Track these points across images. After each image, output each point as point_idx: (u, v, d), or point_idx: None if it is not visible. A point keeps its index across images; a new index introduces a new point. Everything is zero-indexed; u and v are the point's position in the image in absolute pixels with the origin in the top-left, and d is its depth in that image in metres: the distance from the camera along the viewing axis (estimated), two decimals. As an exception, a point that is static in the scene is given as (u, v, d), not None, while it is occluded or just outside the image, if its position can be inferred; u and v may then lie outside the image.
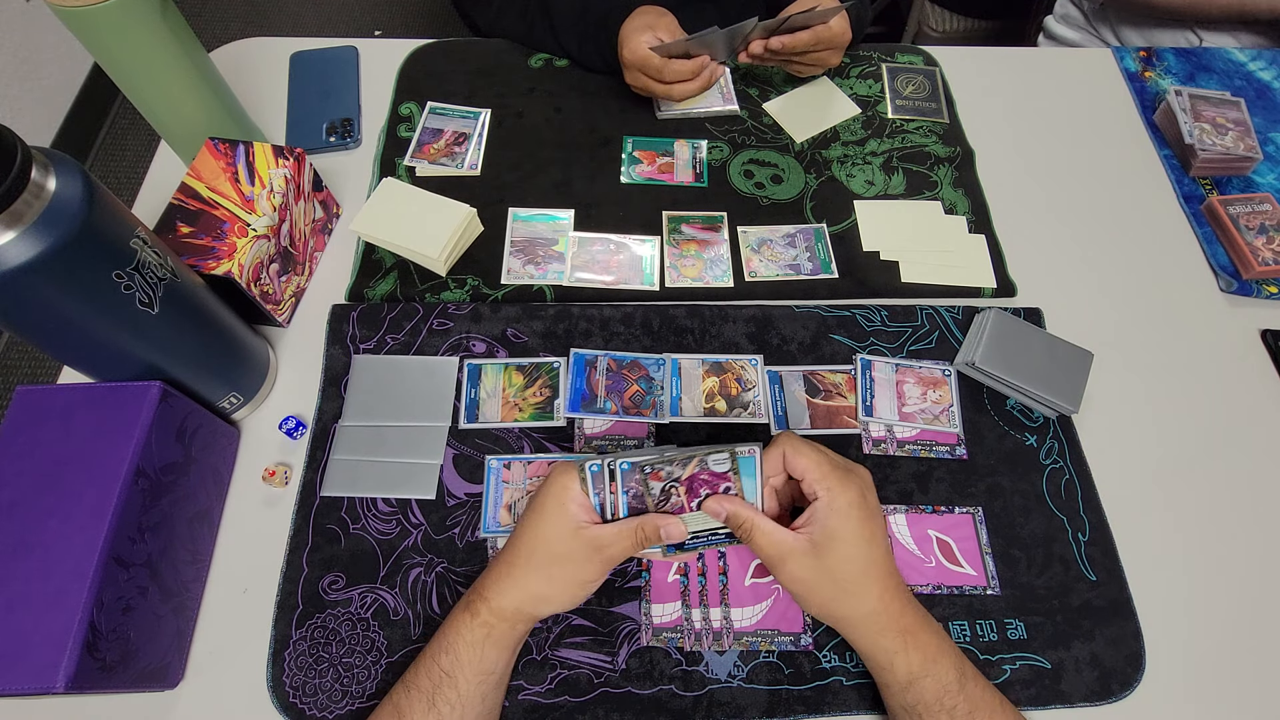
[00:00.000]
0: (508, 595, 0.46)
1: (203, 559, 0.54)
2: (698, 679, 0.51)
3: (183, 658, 0.51)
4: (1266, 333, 0.67)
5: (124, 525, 0.44)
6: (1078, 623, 0.54)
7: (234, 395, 0.57)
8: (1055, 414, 0.62)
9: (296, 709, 0.49)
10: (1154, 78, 0.85)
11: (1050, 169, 0.78)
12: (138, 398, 0.47)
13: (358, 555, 0.54)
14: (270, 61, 0.81)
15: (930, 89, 0.82)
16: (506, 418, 0.60)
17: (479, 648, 0.45)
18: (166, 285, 0.47)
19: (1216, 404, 0.64)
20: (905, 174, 0.76)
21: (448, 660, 0.45)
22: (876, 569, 0.46)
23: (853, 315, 0.66)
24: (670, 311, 0.65)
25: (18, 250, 0.38)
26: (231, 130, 0.68)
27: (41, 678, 0.39)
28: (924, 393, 0.62)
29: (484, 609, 0.46)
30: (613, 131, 0.77)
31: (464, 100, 0.78)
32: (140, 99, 0.63)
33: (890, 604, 0.46)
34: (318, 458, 0.58)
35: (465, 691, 0.44)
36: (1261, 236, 0.71)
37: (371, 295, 0.66)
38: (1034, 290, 0.69)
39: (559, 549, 0.46)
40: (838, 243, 0.71)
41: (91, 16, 0.55)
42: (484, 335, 0.63)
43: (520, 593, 0.46)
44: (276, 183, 0.60)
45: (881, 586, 0.46)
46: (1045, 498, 0.59)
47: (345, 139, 0.75)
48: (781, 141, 0.78)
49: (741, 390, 0.62)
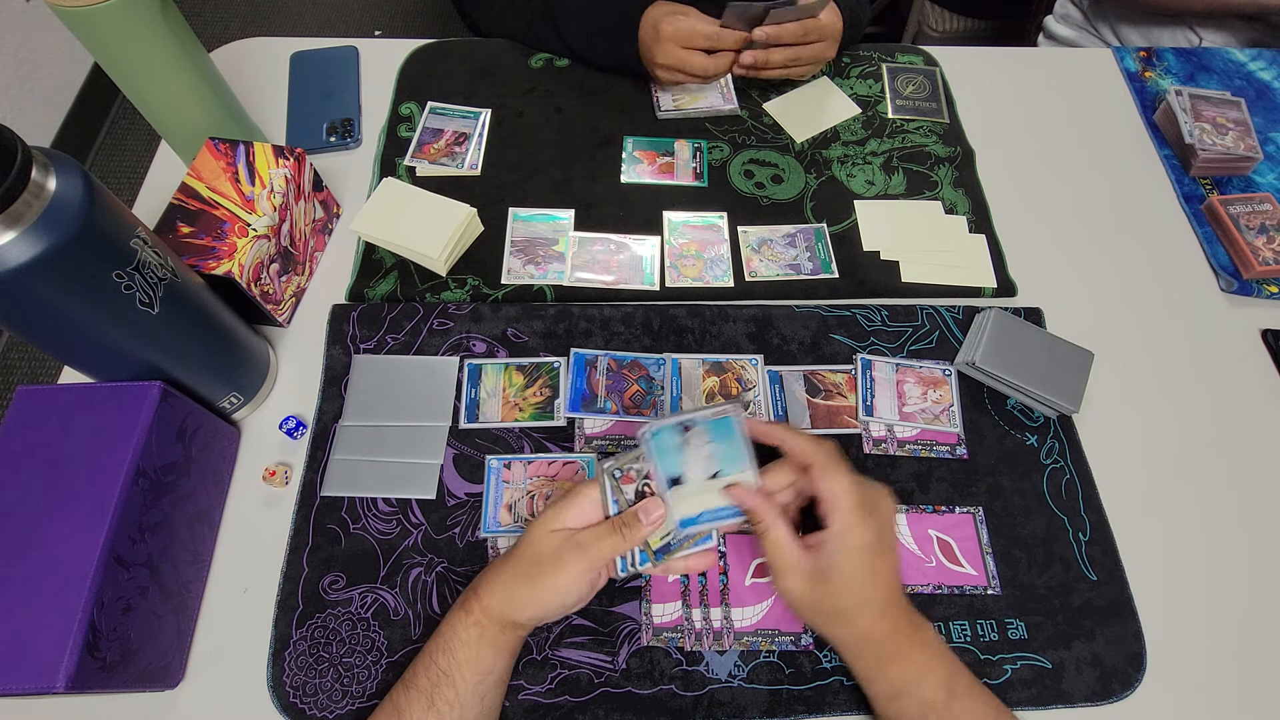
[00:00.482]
0: (495, 595, 0.46)
1: (203, 559, 0.54)
2: (698, 679, 0.51)
3: (183, 658, 0.51)
4: (1267, 332, 0.67)
5: (124, 525, 0.44)
6: (1078, 622, 0.54)
7: (234, 395, 0.57)
8: (1055, 414, 0.62)
9: (296, 709, 0.49)
10: (1154, 78, 0.85)
11: (1050, 169, 0.78)
12: (138, 398, 0.47)
13: (358, 555, 0.54)
14: (270, 61, 0.81)
15: (930, 89, 0.82)
16: (507, 418, 0.60)
17: (475, 647, 0.45)
18: (167, 285, 0.47)
19: (1217, 404, 0.64)
20: (905, 174, 0.76)
21: (445, 660, 0.45)
22: (870, 605, 0.45)
23: (853, 315, 0.66)
24: (670, 311, 0.65)
25: (18, 250, 0.38)
26: (232, 130, 0.68)
27: (41, 677, 0.39)
28: (924, 392, 0.62)
29: (476, 608, 0.46)
30: (613, 131, 0.77)
31: (464, 100, 0.78)
32: (140, 99, 0.63)
33: (876, 630, 0.46)
34: (318, 458, 0.58)
35: (463, 691, 0.44)
36: (1262, 236, 0.71)
37: (372, 295, 0.66)
38: (1034, 290, 0.69)
39: (544, 551, 0.45)
40: (838, 243, 0.71)
41: (91, 16, 0.55)
42: (484, 335, 0.63)
43: (506, 594, 0.46)
44: (277, 183, 0.60)
45: (872, 617, 0.46)
46: (1046, 497, 0.59)
47: (345, 139, 0.75)
48: (782, 141, 0.78)
49: (742, 390, 0.62)
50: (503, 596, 0.46)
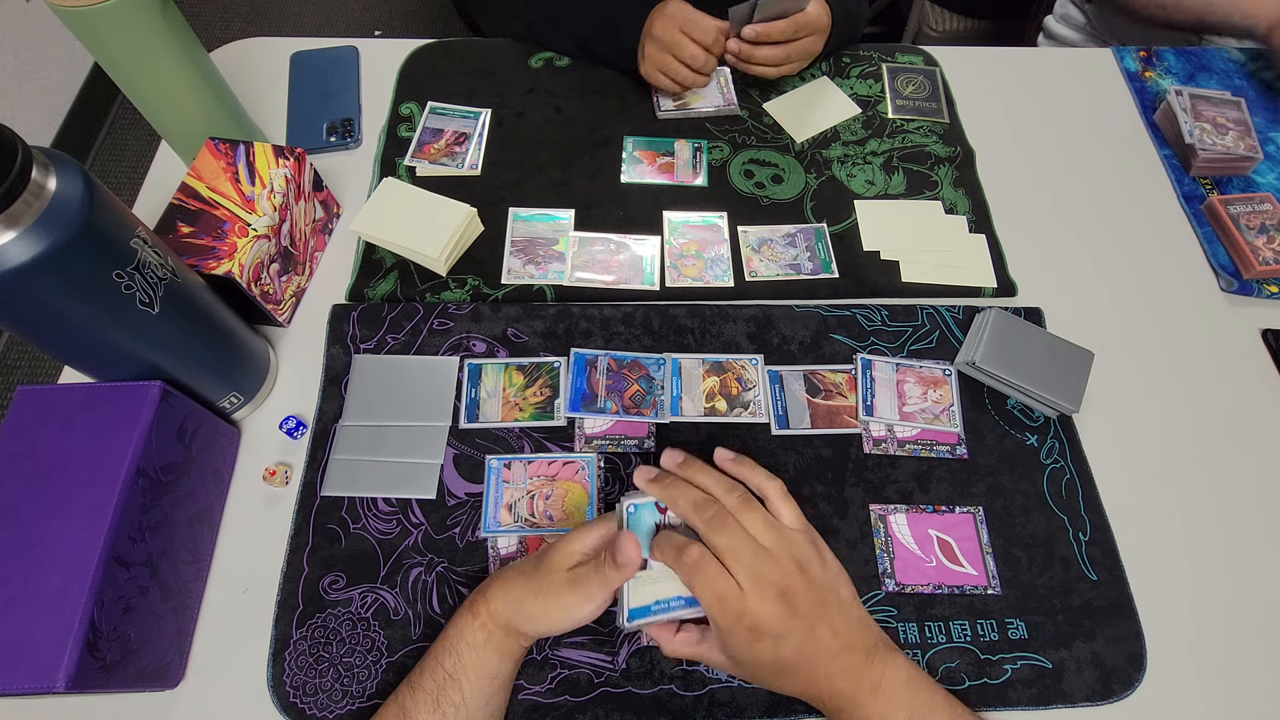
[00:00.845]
0: (504, 602, 0.45)
1: (203, 559, 0.54)
2: (698, 678, 0.51)
3: (183, 658, 0.51)
4: (1267, 332, 0.67)
5: (124, 525, 0.44)
6: (1079, 622, 0.54)
7: (234, 395, 0.57)
8: (1056, 413, 0.62)
9: (297, 709, 0.49)
10: (1154, 78, 0.85)
11: (1050, 169, 0.78)
12: (138, 398, 0.47)
13: (358, 555, 0.54)
14: (270, 61, 0.81)
15: (930, 89, 0.82)
16: (507, 417, 0.60)
17: (481, 650, 0.45)
18: (167, 285, 0.47)
19: (1217, 403, 0.64)
20: (905, 174, 0.76)
21: (451, 662, 0.44)
22: (791, 669, 0.43)
23: (853, 315, 0.66)
24: (670, 311, 0.65)
25: (18, 250, 0.38)
26: (232, 130, 0.68)
27: (42, 677, 0.39)
28: (924, 392, 0.62)
29: (484, 611, 0.45)
30: (613, 131, 0.77)
31: (464, 100, 0.78)
32: (140, 99, 0.63)
33: (819, 689, 0.43)
34: (318, 457, 0.58)
35: (469, 694, 0.44)
36: (1262, 236, 0.71)
37: (372, 295, 0.66)
38: (1034, 290, 0.69)
39: (557, 570, 0.45)
40: (838, 242, 0.71)
41: (91, 16, 0.55)
42: (484, 335, 0.63)
43: (515, 605, 0.45)
44: (277, 182, 0.60)
45: (806, 680, 0.43)
46: (1046, 497, 0.59)
47: (345, 139, 0.75)
48: (782, 141, 0.78)
49: (742, 390, 0.62)
50: (512, 606, 0.45)
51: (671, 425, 0.60)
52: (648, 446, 0.59)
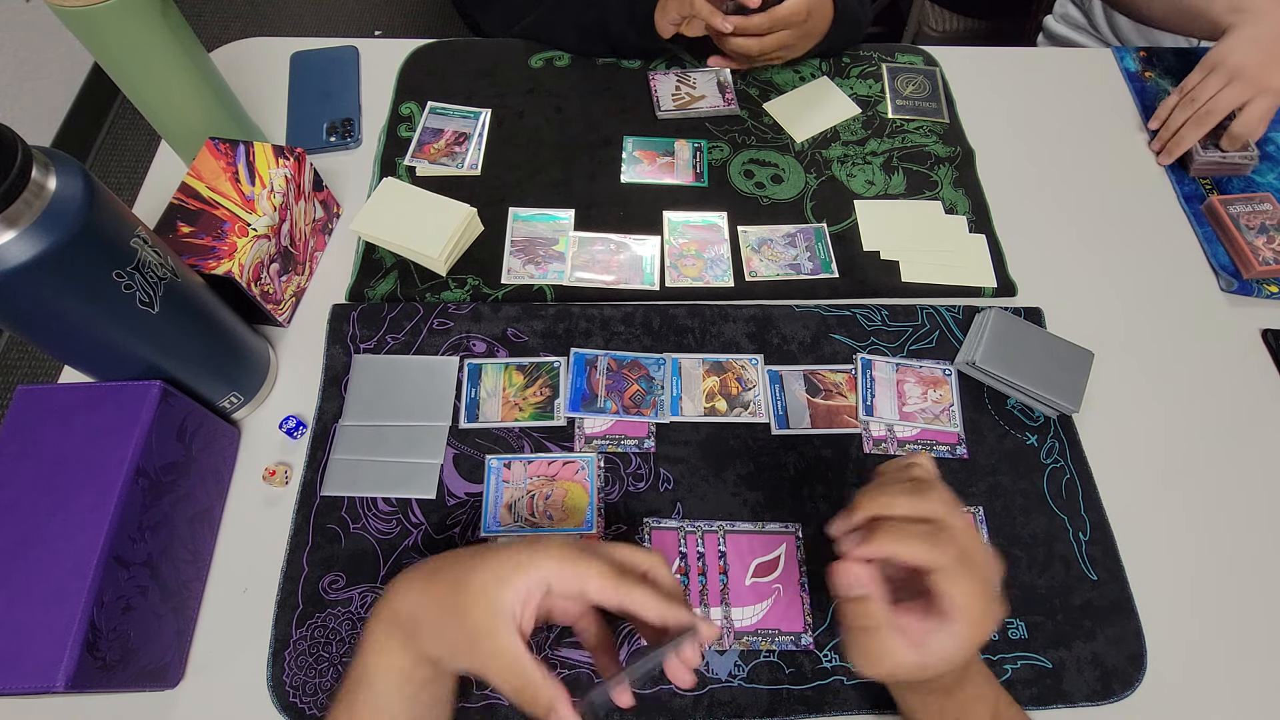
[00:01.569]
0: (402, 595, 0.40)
1: (203, 558, 0.54)
2: (698, 678, 0.51)
3: (183, 657, 0.51)
4: (1267, 332, 0.67)
5: (124, 525, 0.44)
6: (1079, 622, 0.54)
7: (234, 395, 0.57)
8: (1056, 413, 0.62)
9: (296, 709, 0.49)
10: (1154, 78, 0.85)
11: (1050, 169, 0.78)
12: (138, 397, 0.47)
13: (358, 555, 0.54)
14: (270, 61, 0.81)
15: (930, 89, 0.82)
16: (507, 417, 0.60)
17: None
18: (167, 285, 0.47)
19: (1217, 403, 0.64)
20: (905, 174, 0.76)
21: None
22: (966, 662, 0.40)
23: (853, 315, 0.66)
24: (670, 311, 0.65)
25: (18, 250, 0.38)
26: (232, 130, 0.68)
27: (41, 677, 0.39)
28: (924, 392, 0.62)
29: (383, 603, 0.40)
30: (613, 131, 0.77)
31: (464, 100, 0.78)
32: (140, 99, 0.63)
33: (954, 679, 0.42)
34: (318, 457, 0.58)
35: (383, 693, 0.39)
36: (1262, 236, 0.71)
37: (372, 295, 0.66)
38: (1034, 290, 0.69)
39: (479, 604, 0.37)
40: (838, 242, 0.71)
41: (91, 16, 0.55)
42: (484, 335, 0.63)
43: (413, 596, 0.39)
44: (277, 182, 0.60)
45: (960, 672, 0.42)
46: (1046, 497, 0.59)
47: (345, 139, 0.75)
48: (782, 141, 0.78)
49: (742, 390, 0.62)
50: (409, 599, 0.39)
51: (671, 425, 0.60)
52: (648, 446, 0.59)
